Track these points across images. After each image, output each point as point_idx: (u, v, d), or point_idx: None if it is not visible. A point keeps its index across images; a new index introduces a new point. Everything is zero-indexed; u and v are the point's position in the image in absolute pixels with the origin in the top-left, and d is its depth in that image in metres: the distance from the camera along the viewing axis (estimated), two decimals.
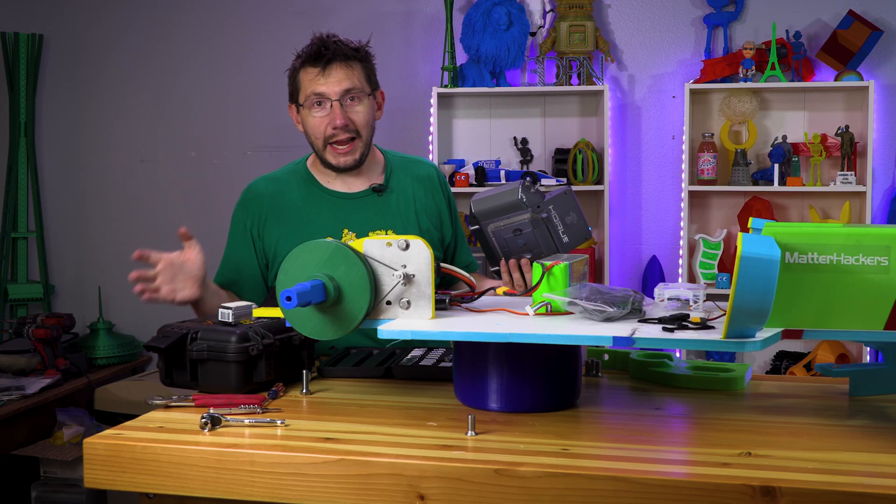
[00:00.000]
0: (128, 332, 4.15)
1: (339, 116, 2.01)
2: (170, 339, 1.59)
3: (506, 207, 1.76)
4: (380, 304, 1.45)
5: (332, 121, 2.02)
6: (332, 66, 2.01)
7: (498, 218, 1.77)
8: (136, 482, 1.31)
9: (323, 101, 2.03)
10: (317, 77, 2.02)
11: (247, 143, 4.15)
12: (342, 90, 2.02)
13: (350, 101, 2.04)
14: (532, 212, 1.75)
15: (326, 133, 2.04)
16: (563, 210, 1.80)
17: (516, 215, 1.76)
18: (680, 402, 1.55)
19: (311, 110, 2.04)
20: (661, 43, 3.93)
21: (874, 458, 1.23)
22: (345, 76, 2.02)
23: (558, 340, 1.32)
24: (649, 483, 1.14)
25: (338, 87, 2.02)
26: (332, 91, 2.02)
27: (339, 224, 2.07)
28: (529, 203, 1.76)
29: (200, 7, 4.17)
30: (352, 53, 2.04)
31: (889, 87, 3.79)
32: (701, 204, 3.92)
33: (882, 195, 3.80)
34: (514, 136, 3.97)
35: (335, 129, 2.03)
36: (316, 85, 2.02)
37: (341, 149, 2.05)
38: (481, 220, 1.79)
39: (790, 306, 1.32)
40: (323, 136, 2.05)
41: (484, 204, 1.78)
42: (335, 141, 2.04)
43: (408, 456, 1.24)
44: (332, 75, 2.01)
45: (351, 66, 2.03)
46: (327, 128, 2.03)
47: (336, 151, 2.06)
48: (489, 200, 1.78)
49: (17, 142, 4.15)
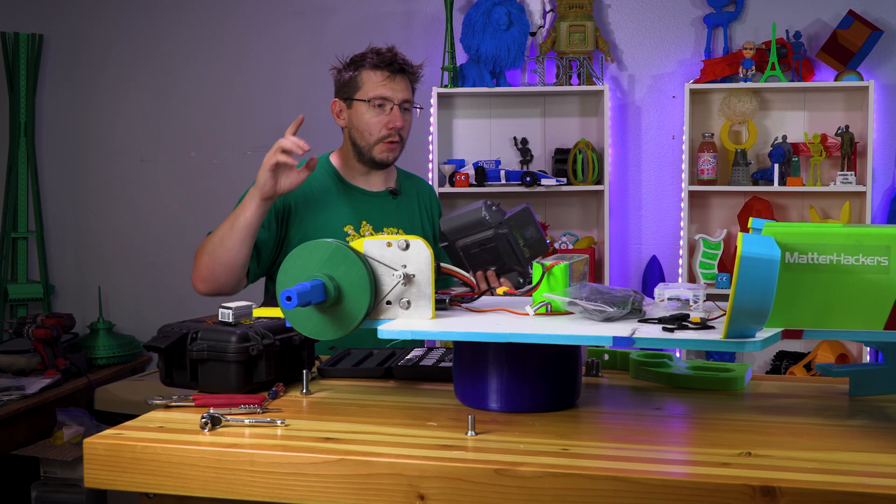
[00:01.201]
0: (128, 332, 4.15)
1: (398, 119, 2.23)
2: (170, 339, 1.59)
3: (470, 225, 1.92)
4: (380, 304, 1.45)
5: (392, 122, 2.23)
6: (399, 75, 2.24)
7: (464, 235, 1.93)
8: (136, 482, 1.31)
9: (385, 104, 2.23)
10: (385, 81, 2.23)
11: (247, 143, 4.15)
12: (403, 98, 2.25)
13: (404, 110, 2.26)
14: (495, 229, 1.90)
15: (382, 132, 2.23)
16: (523, 226, 1.96)
17: (481, 232, 1.92)
18: (680, 402, 1.55)
19: (371, 109, 2.23)
20: (661, 43, 3.93)
21: (874, 458, 1.23)
22: (406, 86, 2.26)
23: (558, 340, 1.32)
24: (649, 483, 1.14)
25: (401, 94, 2.24)
26: (396, 96, 2.23)
27: (359, 216, 2.26)
28: (492, 221, 1.91)
29: (200, 7, 4.17)
30: (413, 70, 2.28)
31: (889, 87, 3.79)
32: (701, 204, 3.92)
33: (882, 195, 3.80)
34: (514, 136, 3.97)
35: (391, 129, 2.23)
36: (384, 89, 2.22)
37: (391, 145, 2.25)
38: (450, 237, 1.95)
39: (790, 306, 1.32)
40: (378, 134, 2.23)
41: (452, 223, 1.94)
42: (388, 140, 2.24)
43: (408, 456, 1.24)
44: (399, 83, 2.24)
45: (409, 81, 2.28)
46: (383, 128, 2.23)
47: (385, 147, 2.25)
48: (456, 220, 1.94)
49: (17, 142, 4.15)
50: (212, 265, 2.08)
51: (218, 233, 2.08)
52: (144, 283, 4.25)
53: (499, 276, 1.96)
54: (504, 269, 1.95)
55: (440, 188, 3.79)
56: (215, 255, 2.08)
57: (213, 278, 2.10)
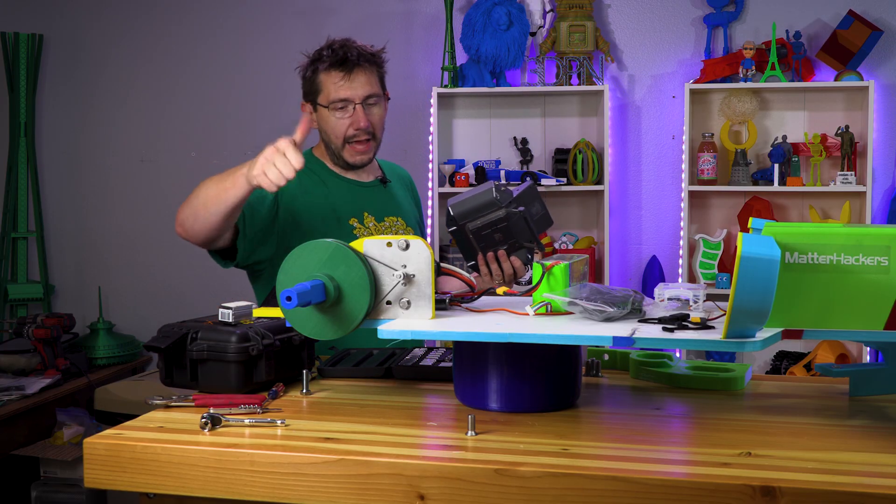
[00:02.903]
0: (128, 332, 4.15)
1: (362, 119, 2.13)
2: (170, 339, 1.59)
3: (482, 206, 1.90)
4: (380, 304, 1.45)
5: (356, 122, 2.14)
6: (356, 72, 2.12)
7: (475, 217, 1.90)
8: (136, 482, 1.31)
9: (346, 105, 2.13)
10: (341, 81, 2.12)
11: (247, 143, 4.14)
12: (365, 94, 2.13)
13: (369, 105, 2.15)
14: (506, 207, 1.88)
15: (348, 133, 2.15)
16: (530, 202, 1.95)
17: (492, 212, 1.90)
18: (680, 402, 1.55)
19: (334, 112, 2.14)
20: (661, 43, 3.93)
21: (874, 458, 1.23)
22: (367, 81, 2.14)
23: (558, 340, 1.32)
24: (649, 483, 1.14)
25: (361, 91, 2.13)
26: (356, 95, 2.13)
27: (360, 207, 2.20)
28: (503, 200, 1.89)
29: (200, 7, 4.17)
30: (372, 59, 2.16)
31: (889, 87, 3.79)
32: (701, 204, 3.92)
33: (882, 195, 3.80)
34: (514, 136, 3.97)
35: (357, 129, 2.14)
36: (341, 90, 2.12)
37: (360, 147, 2.17)
38: (459, 220, 1.92)
39: (790, 306, 1.32)
40: (343, 136, 2.15)
41: (462, 206, 1.91)
42: (356, 140, 2.16)
43: (408, 456, 1.24)
44: (356, 80, 2.13)
45: (371, 72, 2.15)
46: (349, 129, 2.14)
47: (354, 150, 2.17)
48: (466, 202, 1.91)
49: (17, 142, 4.15)
50: (192, 220, 1.96)
51: (205, 191, 1.95)
52: (144, 283, 4.25)
53: (509, 255, 1.94)
54: (514, 247, 1.94)
55: (440, 188, 3.79)
56: (197, 214, 1.96)
57: (192, 232, 1.98)
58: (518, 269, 1.97)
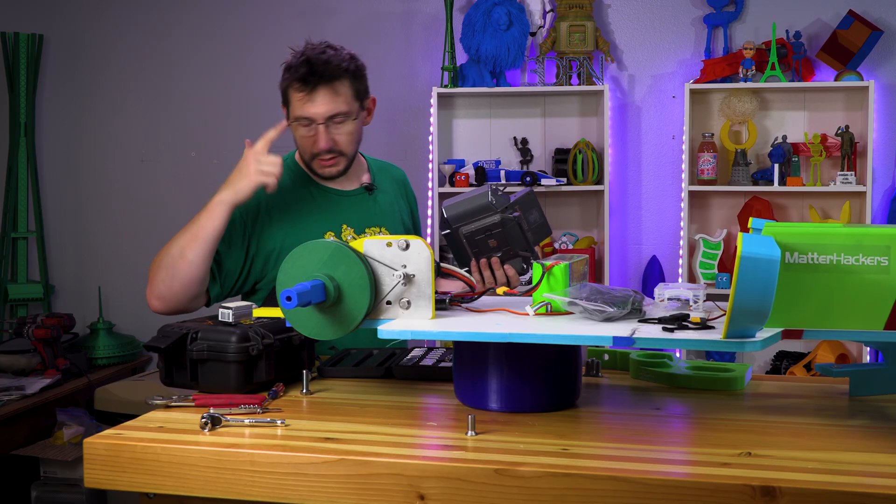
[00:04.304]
0: (128, 332, 4.15)
1: (323, 140, 2.04)
2: (170, 339, 1.59)
3: (477, 210, 1.84)
4: (380, 304, 1.45)
5: (318, 143, 2.05)
6: (318, 91, 2.02)
7: (469, 221, 1.84)
8: (136, 482, 1.31)
9: (309, 123, 2.05)
10: (303, 99, 2.03)
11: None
12: (327, 114, 2.03)
13: (336, 124, 2.05)
14: (502, 213, 1.83)
15: (312, 150, 2.07)
16: (528, 209, 1.89)
17: (487, 217, 1.84)
18: (680, 402, 1.55)
19: (299, 128, 2.07)
20: (661, 43, 3.93)
21: (874, 458, 1.23)
22: (330, 100, 2.02)
23: (558, 340, 1.32)
24: (649, 483, 1.14)
25: (323, 109, 2.02)
26: (318, 114, 2.03)
27: (338, 219, 2.11)
28: (498, 205, 1.83)
29: (200, 7, 4.17)
30: (338, 74, 2.03)
31: (889, 87, 3.79)
32: (701, 204, 3.92)
33: (882, 195, 3.80)
34: (514, 136, 3.97)
35: (320, 150, 2.06)
36: (303, 108, 2.03)
37: (326, 163, 2.08)
38: (453, 224, 1.86)
39: (790, 306, 1.32)
40: (309, 153, 2.08)
41: (456, 209, 1.85)
42: (320, 158, 2.08)
43: (408, 456, 1.24)
44: (318, 99, 2.02)
45: (336, 89, 2.03)
46: (313, 146, 2.07)
47: (321, 164, 2.09)
48: (461, 205, 1.85)
49: (17, 142, 4.15)
50: (170, 281, 1.95)
51: (177, 244, 1.93)
52: (144, 283, 4.23)
53: (503, 263, 1.88)
54: (509, 254, 1.87)
55: (440, 188, 3.79)
56: (175, 270, 1.94)
57: (170, 295, 1.97)
58: (511, 278, 1.90)
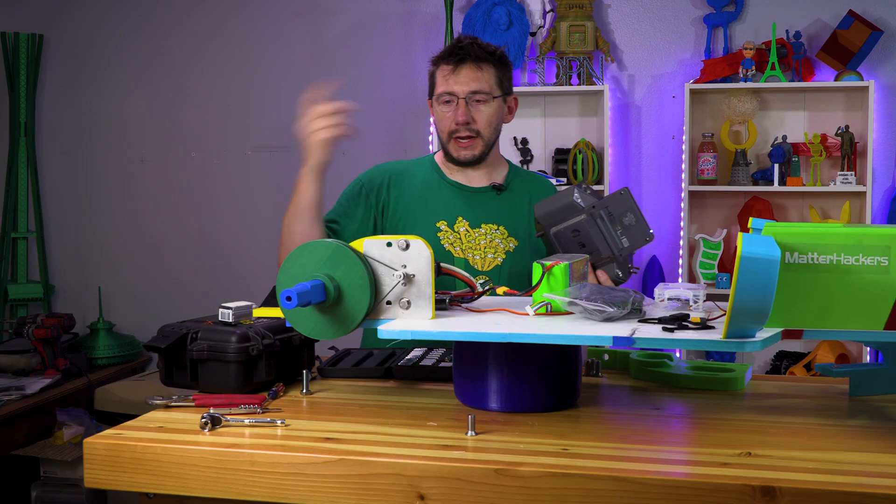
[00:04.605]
0: (128, 332, 4.15)
1: (462, 113, 2.13)
2: (170, 339, 1.59)
3: (563, 210, 1.81)
4: (380, 304, 1.45)
5: (456, 117, 2.13)
6: (462, 66, 2.13)
7: (557, 221, 1.81)
8: (136, 482, 1.31)
9: (451, 99, 2.14)
10: (448, 75, 2.14)
11: (247, 143, 4.15)
12: (469, 90, 2.13)
13: (476, 102, 2.14)
14: (586, 213, 1.79)
15: (450, 128, 2.15)
16: (620, 211, 1.81)
17: (573, 217, 1.81)
18: (680, 402, 1.55)
19: (440, 106, 2.16)
20: (661, 43, 3.93)
21: (874, 458, 1.23)
22: (474, 77, 2.13)
23: (558, 340, 1.32)
24: (649, 483, 1.14)
25: (466, 86, 2.12)
26: (460, 90, 2.13)
27: (455, 211, 2.18)
28: (585, 204, 1.79)
29: (200, 7, 4.17)
30: (484, 56, 2.13)
31: (889, 87, 3.79)
32: (701, 204, 3.92)
33: (882, 195, 3.80)
34: (514, 136, 3.97)
35: (457, 124, 2.14)
36: (446, 83, 2.14)
37: (463, 143, 2.16)
38: (544, 224, 1.83)
39: (790, 306, 1.32)
40: (447, 130, 2.16)
41: (543, 208, 1.83)
42: (458, 136, 2.15)
43: (408, 456, 1.24)
44: (462, 75, 2.13)
45: (481, 68, 2.14)
46: (451, 123, 2.15)
47: (458, 145, 2.17)
48: (548, 205, 1.83)
49: (17, 142, 4.15)
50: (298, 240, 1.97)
51: (285, 225, 2.04)
52: (144, 283, 4.25)
53: (595, 268, 1.82)
54: (599, 258, 1.81)
55: None
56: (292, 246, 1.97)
57: None
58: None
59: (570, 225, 1.79)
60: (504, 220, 2.20)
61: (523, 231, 2.20)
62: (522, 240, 2.19)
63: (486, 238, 2.16)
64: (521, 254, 2.17)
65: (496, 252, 2.16)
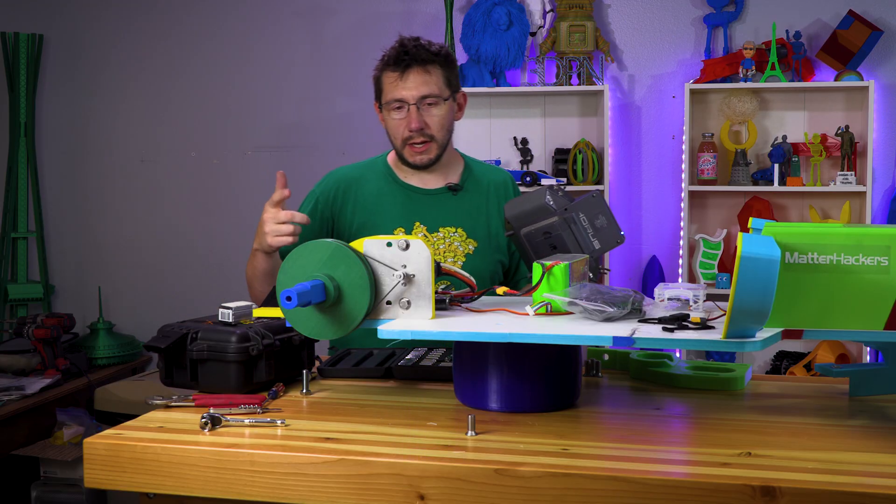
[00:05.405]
0: (128, 332, 4.15)
1: (414, 120, 2.11)
2: (170, 339, 1.59)
3: (533, 211, 1.80)
4: (380, 304, 1.45)
5: (409, 124, 2.12)
6: (410, 72, 2.10)
7: (528, 222, 1.80)
8: (136, 482, 1.31)
9: (402, 105, 2.12)
10: (396, 81, 2.11)
11: (247, 143, 4.15)
12: (420, 95, 2.11)
13: (427, 106, 2.12)
14: (559, 215, 1.78)
15: (404, 135, 2.13)
16: (592, 213, 1.81)
17: (544, 219, 1.80)
18: (680, 402, 1.55)
19: (391, 113, 2.14)
20: (661, 43, 3.93)
21: (874, 458, 1.23)
22: (422, 81, 2.11)
23: (558, 340, 1.32)
24: (649, 483, 1.14)
25: (415, 91, 2.10)
26: (409, 95, 2.11)
27: (411, 216, 2.16)
28: (557, 206, 1.79)
29: (200, 7, 4.17)
30: (430, 58, 2.12)
31: (889, 87, 3.79)
32: (701, 204, 3.91)
33: (882, 195, 3.80)
34: (514, 136, 3.97)
35: (411, 131, 2.12)
36: (395, 90, 2.11)
37: (418, 148, 2.14)
38: (514, 224, 1.83)
39: (790, 306, 1.32)
40: (401, 137, 2.14)
41: (514, 209, 1.82)
42: (412, 142, 2.14)
43: (408, 456, 1.24)
44: (410, 80, 2.11)
45: (429, 71, 2.12)
46: (404, 130, 2.13)
47: (413, 150, 2.15)
48: (518, 205, 1.82)
49: (17, 142, 4.15)
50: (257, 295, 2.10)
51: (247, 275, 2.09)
52: (144, 283, 4.25)
53: None
54: None
55: None
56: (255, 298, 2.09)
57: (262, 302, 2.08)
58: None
59: (541, 227, 1.78)
60: (462, 221, 2.18)
61: (482, 231, 2.19)
62: (482, 240, 2.18)
63: (444, 242, 2.15)
64: (482, 255, 2.16)
65: (455, 255, 2.15)
